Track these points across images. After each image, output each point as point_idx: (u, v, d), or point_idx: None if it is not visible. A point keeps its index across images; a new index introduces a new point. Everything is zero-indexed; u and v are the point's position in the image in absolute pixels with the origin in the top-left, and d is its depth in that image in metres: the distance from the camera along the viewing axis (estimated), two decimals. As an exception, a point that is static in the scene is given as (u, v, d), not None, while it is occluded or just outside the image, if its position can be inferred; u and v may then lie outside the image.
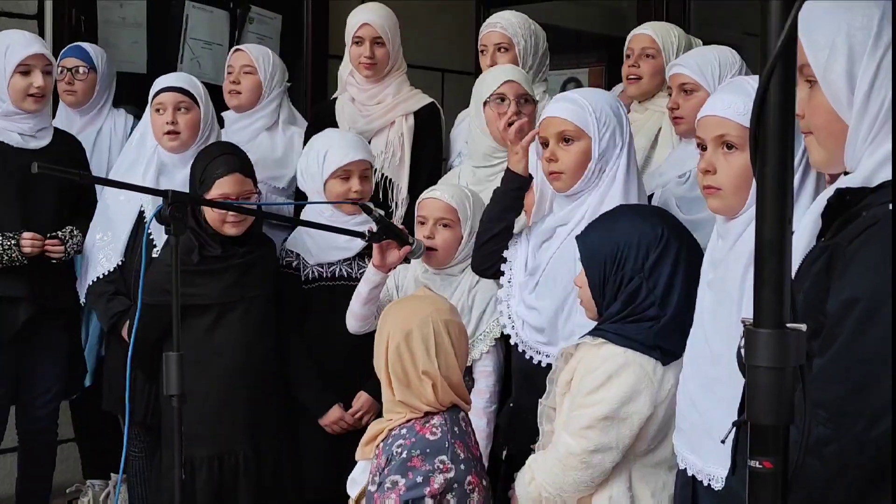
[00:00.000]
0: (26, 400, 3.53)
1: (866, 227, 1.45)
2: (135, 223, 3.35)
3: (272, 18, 5.08)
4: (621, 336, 2.15)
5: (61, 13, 4.29)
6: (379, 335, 2.35)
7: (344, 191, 3.10)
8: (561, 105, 2.51)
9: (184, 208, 2.38)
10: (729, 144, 1.99)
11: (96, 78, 3.87)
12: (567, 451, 2.17)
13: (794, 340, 1.10)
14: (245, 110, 3.76)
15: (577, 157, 2.48)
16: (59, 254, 3.39)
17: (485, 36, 3.64)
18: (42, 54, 3.37)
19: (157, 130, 3.31)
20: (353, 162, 3.11)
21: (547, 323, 2.54)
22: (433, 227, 2.89)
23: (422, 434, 2.25)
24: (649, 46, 3.36)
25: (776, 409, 1.10)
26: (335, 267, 3.15)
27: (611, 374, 2.12)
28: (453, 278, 2.93)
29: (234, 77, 3.74)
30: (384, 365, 2.31)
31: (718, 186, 1.99)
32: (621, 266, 2.19)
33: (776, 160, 1.09)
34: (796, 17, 1.08)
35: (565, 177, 2.50)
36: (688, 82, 2.85)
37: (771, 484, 1.12)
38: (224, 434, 2.99)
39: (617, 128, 2.49)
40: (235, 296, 3.01)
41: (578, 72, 5.66)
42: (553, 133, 2.51)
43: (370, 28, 3.63)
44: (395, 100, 3.70)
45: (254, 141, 3.66)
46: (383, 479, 2.21)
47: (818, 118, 1.58)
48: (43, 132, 3.43)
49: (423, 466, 2.20)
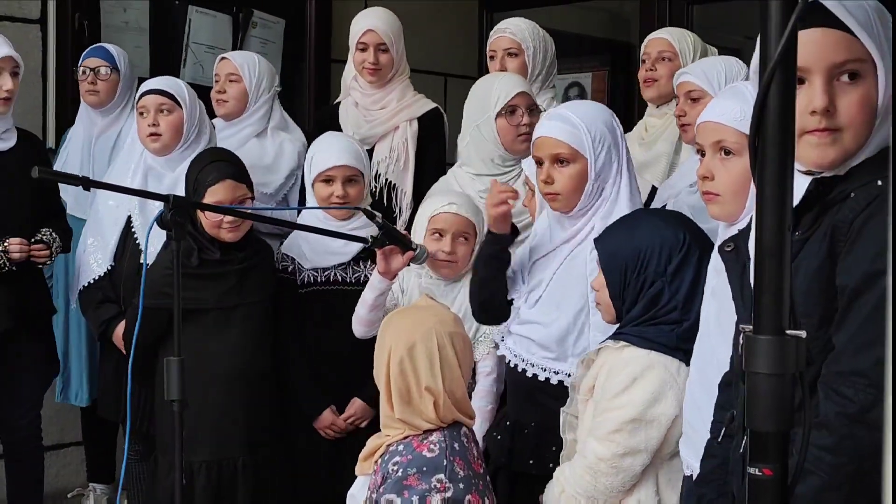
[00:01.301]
0: (6, 412, 3.47)
1: (867, 204, 1.48)
2: (123, 228, 3.33)
3: (275, 23, 5.08)
4: (644, 339, 2.14)
5: (64, 18, 4.28)
6: (380, 347, 2.31)
7: (326, 195, 3.10)
8: (555, 125, 2.48)
9: (185, 213, 2.37)
10: (727, 150, 1.98)
11: (119, 79, 3.85)
12: (596, 457, 2.15)
13: (794, 347, 1.09)
14: (233, 118, 3.71)
15: (574, 180, 2.45)
16: (44, 258, 3.34)
17: (494, 41, 3.65)
18: (10, 56, 3.32)
19: (140, 133, 3.33)
20: (335, 167, 3.10)
21: (555, 340, 2.49)
22: (454, 242, 2.90)
23: (419, 451, 2.19)
24: (666, 50, 3.37)
25: (776, 416, 1.10)
26: (330, 272, 3.15)
27: (635, 377, 2.11)
28: (456, 283, 2.95)
29: (219, 86, 3.70)
30: (385, 378, 2.26)
31: (717, 192, 1.99)
32: (643, 270, 2.19)
33: (775, 166, 1.09)
34: (796, 23, 1.07)
35: (562, 198, 2.47)
36: (694, 90, 2.86)
37: (771, 491, 1.11)
38: (223, 439, 2.98)
39: (612, 145, 2.47)
40: (233, 301, 3.00)
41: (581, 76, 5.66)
42: (547, 154, 2.47)
43: (374, 34, 3.63)
44: (399, 105, 3.71)
45: (243, 148, 3.61)
46: (379, 498, 2.17)
47: (863, 114, 1.54)
48: (7, 133, 3.37)
49: (419, 485, 2.14)
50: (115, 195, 3.22)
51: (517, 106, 3.13)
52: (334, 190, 3.10)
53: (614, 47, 6.13)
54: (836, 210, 1.52)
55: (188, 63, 4.77)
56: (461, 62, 5.55)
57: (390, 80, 3.71)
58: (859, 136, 1.55)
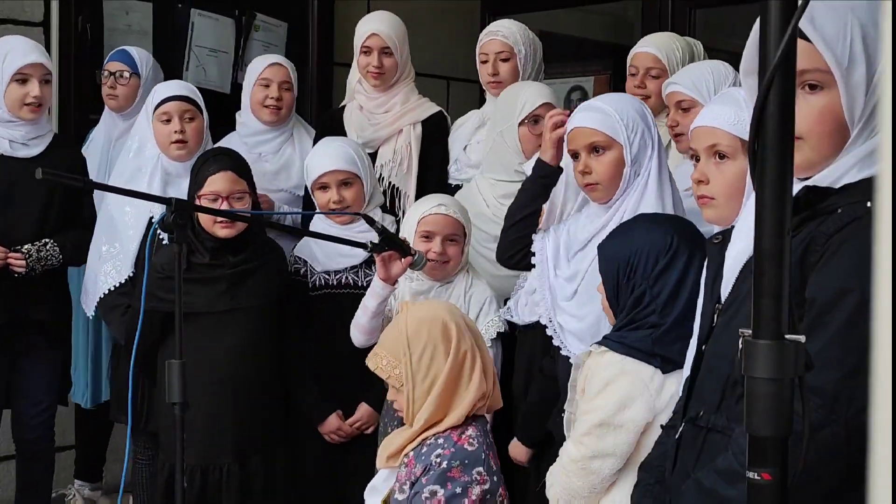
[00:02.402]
0: (19, 410, 3.51)
1: (849, 222, 1.48)
2: (144, 233, 3.30)
3: (277, 26, 5.08)
4: (622, 344, 2.17)
5: (67, 21, 4.29)
6: (416, 341, 2.29)
7: (325, 201, 3.15)
8: (588, 115, 2.51)
9: (186, 216, 2.38)
10: (721, 154, 1.99)
11: (139, 83, 3.84)
12: (568, 458, 2.19)
13: (793, 351, 1.09)
14: (279, 125, 3.72)
15: (611, 167, 2.49)
16: (20, 268, 3.30)
17: (485, 44, 3.64)
18: (41, 63, 3.32)
19: (163, 140, 3.30)
20: (326, 173, 3.14)
21: (588, 332, 2.52)
22: (444, 243, 2.91)
23: (460, 444, 2.24)
24: (654, 66, 3.37)
25: (775, 421, 1.09)
26: (341, 275, 3.16)
27: (608, 382, 2.14)
28: (448, 285, 2.97)
29: (273, 91, 3.63)
30: (425, 372, 2.27)
31: (712, 196, 2.00)
32: (633, 274, 2.20)
33: (775, 170, 1.08)
34: (796, 26, 1.07)
35: (602, 187, 2.51)
36: (684, 99, 2.87)
37: (770, 496, 1.11)
38: (211, 444, 2.95)
39: (646, 130, 2.50)
40: (226, 305, 2.97)
41: (583, 80, 5.65)
42: (583, 144, 2.50)
43: (378, 38, 3.64)
44: (404, 108, 3.72)
45: (278, 153, 3.67)
46: (420, 489, 2.20)
47: (822, 125, 1.55)
48: (37, 140, 3.37)
49: (461, 477, 2.20)
50: (132, 202, 3.21)
51: (540, 116, 3.13)
52: (329, 196, 3.15)
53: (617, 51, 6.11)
54: (820, 221, 1.53)
55: (191, 66, 4.77)
56: (463, 65, 5.54)
57: (395, 83, 3.72)
58: (821, 145, 1.55)
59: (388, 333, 2.38)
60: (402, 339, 2.30)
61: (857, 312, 1.43)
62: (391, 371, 2.31)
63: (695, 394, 1.74)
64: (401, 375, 2.29)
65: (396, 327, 2.34)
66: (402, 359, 2.29)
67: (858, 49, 1.50)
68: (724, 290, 1.71)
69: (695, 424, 1.70)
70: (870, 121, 1.53)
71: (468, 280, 2.96)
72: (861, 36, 1.51)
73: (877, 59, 1.50)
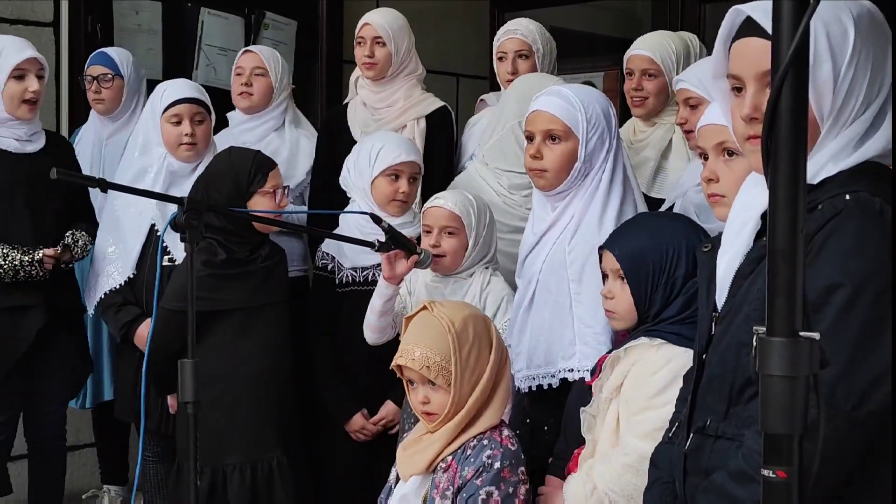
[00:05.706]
0: (35, 408, 3.52)
1: (830, 218, 1.50)
2: (146, 237, 3.33)
3: (287, 24, 5.09)
4: (681, 336, 2.13)
5: (77, 20, 4.31)
6: (464, 337, 2.18)
7: (392, 190, 3.09)
8: (553, 101, 2.49)
9: (199, 216, 2.37)
10: (729, 151, 1.98)
11: (123, 84, 3.87)
12: (640, 456, 2.07)
13: (808, 349, 1.09)
14: (255, 112, 3.77)
15: (563, 158, 2.47)
16: (69, 262, 3.38)
17: (503, 43, 3.67)
18: (35, 58, 3.34)
19: (172, 141, 3.31)
20: (405, 162, 3.11)
21: (544, 337, 2.51)
22: (439, 236, 2.89)
23: (505, 445, 2.19)
24: (649, 67, 3.36)
25: (789, 419, 1.09)
26: (369, 271, 3.11)
27: (677, 374, 2.05)
28: (463, 282, 2.92)
29: (245, 79, 3.74)
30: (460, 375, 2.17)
31: (723, 194, 1.98)
32: (672, 270, 2.18)
33: (788, 167, 1.08)
34: (808, 24, 1.07)
35: (549, 175, 2.49)
36: (692, 97, 2.85)
37: (785, 494, 1.11)
38: (256, 441, 2.96)
39: (605, 130, 2.49)
40: (260, 300, 3.01)
41: (593, 76, 5.64)
42: (540, 129, 2.49)
43: (370, 28, 3.65)
44: (407, 103, 3.71)
45: (262, 142, 3.67)
46: (475, 491, 2.13)
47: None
48: (36, 135, 3.40)
49: (511, 477, 2.16)
50: (138, 202, 3.23)
51: None
52: (400, 186, 3.10)
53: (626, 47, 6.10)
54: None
55: (200, 65, 4.78)
56: (473, 62, 5.56)
57: (394, 77, 3.70)
58: None
59: (424, 332, 2.21)
60: (447, 336, 2.16)
61: (849, 304, 1.45)
62: (439, 370, 2.16)
63: (699, 403, 1.72)
64: (449, 374, 2.16)
65: (431, 325, 2.19)
66: (451, 356, 2.16)
67: (823, 47, 1.51)
68: (720, 298, 1.71)
69: (703, 434, 1.69)
70: (839, 116, 1.54)
71: (485, 277, 2.90)
72: (825, 34, 1.51)
73: (842, 56, 1.52)
